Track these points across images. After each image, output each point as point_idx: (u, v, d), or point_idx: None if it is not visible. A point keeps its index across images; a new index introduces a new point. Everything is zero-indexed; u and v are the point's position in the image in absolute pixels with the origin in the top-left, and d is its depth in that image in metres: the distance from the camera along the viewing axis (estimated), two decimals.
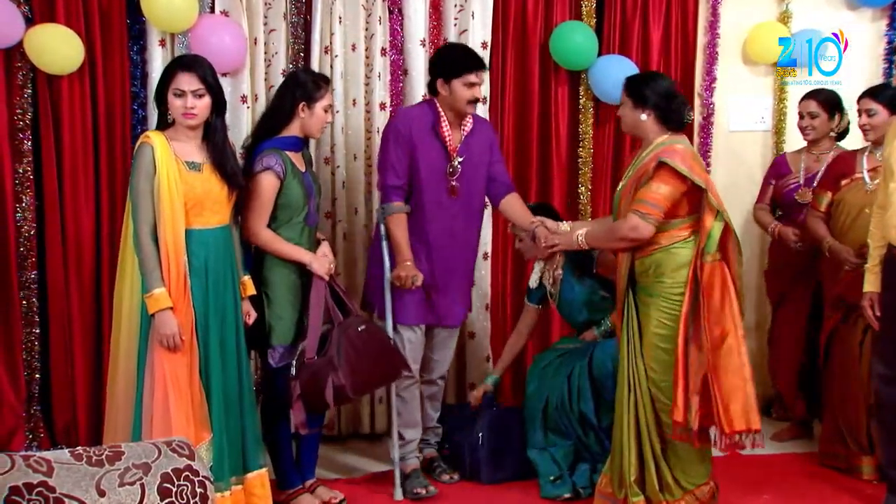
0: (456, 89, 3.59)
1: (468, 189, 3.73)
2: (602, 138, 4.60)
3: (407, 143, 3.61)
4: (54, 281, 3.95)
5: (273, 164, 3.35)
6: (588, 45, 4.39)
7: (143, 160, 3.03)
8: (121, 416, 3.17)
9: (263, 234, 3.38)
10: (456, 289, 3.84)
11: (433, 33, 4.36)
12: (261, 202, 3.35)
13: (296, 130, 3.47)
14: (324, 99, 3.46)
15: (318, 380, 3.32)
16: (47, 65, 3.79)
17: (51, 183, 3.91)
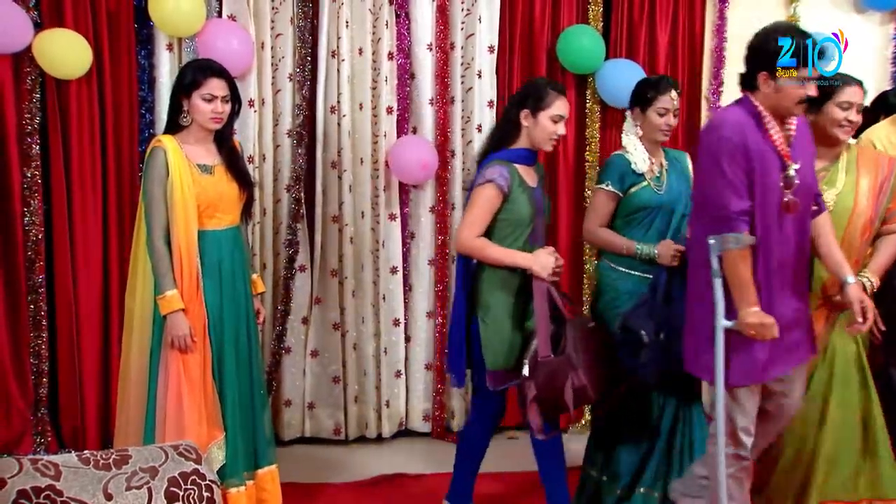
0: (785, 86, 2.92)
1: (803, 204, 2.91)
2: (609, 142, 4.56)
3: (743, 155, 2.79)
4: (62, 285, 3.96)
5: (496, 176, 3.11)
6: (595, 48, 4.38)
7: (155, 164, 3.05)
8: (132, 417, 3.19)
9: (474, 242, 3.13)
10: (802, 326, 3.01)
11: (440, 37, 4.36)
12: (477, 213, 3.13)
13: (524, 142, 3.22)
14: (551, 108, 3.16)
15: (556, 380, 3.00)
16: (56, 69, 3.81)
17: (59, 187, 3.92)
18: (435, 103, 4.39)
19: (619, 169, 3.35)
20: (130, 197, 4.01)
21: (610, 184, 3.35)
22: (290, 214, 4.23)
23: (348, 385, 4.38)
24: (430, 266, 4.49)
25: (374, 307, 4.39)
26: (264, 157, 4.18)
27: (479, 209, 3.12)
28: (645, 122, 3.37)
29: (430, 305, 4.50)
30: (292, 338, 4.33)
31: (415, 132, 4.42)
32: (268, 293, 4.15)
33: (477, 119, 4.42)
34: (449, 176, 4.45)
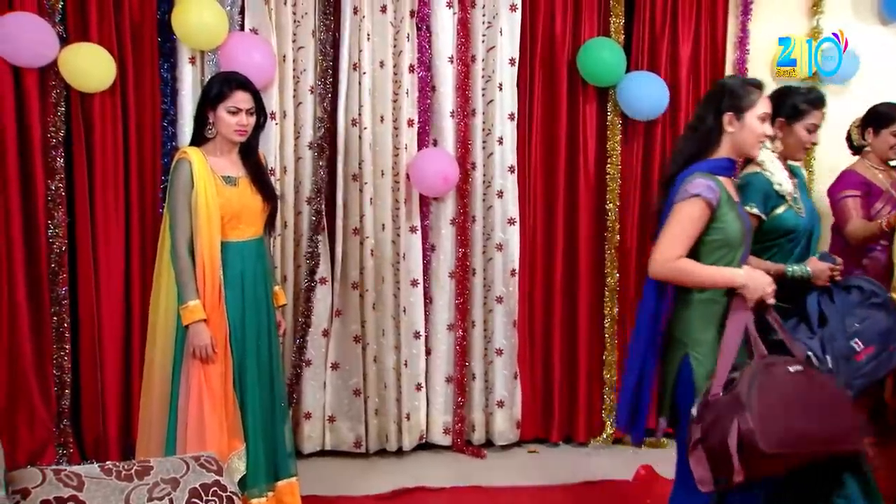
0: None
1: None
2: (630, 155, 4.54)
3: None
4: (85, 297, 3.96)
5: (702, 189, 2.63)
6: (616, 61, 4.35)
7: (181, 176, 3.07)
8: (154, 427, 3.20)
9: (677, 263, 2.62)
10: None
11: (461, 50, 4.35)
12: (679, 231, 2.63)
13: (727, 150, 2.76)
14: (756, 106, 2.72)
15: (722, 422, 2.47)
16: (80, 83, 3.81)
17: (82, 199, 3.93)
18: (456, 116, 4.38)
19: (762, 189, 2.99)
20: (153, 209, 4.02)
21: (755, 206, 2.97)
22: (311, 226, 4.21)
23: (369, 398, 4.36)
24: (451, 279, 4.46)
25: (395, 320, 4.37)
26: (285, 169, 4.16)
27: (681, 227, 2.62)
28: (789, 137, 3.11)
29: (450, 318, 4.47)
30: (313, 350, 4.30)
31: (435, 144, 4.40)
32: (289, 305, 4.14)
33: (498, 131, 4.41)
34: (470, 188, 4.43)
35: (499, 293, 4.47)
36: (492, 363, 4.52)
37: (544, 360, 4.59)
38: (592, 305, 4.56)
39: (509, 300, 4.47)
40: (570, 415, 4.60)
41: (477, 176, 4.45)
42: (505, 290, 4.47)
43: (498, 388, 4.51)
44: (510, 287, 4.46)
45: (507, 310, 4.47)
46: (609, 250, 4.55)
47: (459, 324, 4.46)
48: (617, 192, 4.52)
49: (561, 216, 4.54)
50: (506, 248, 4.45)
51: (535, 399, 4.57)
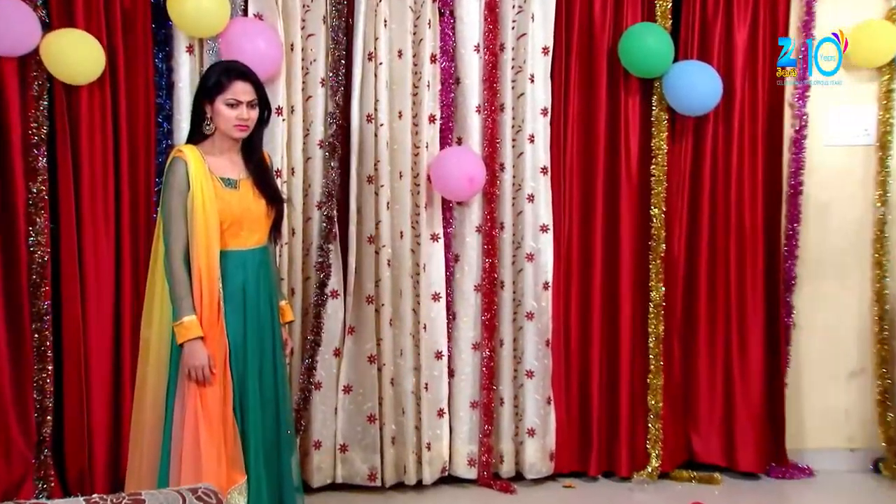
0: None
1: None
2: (678, 154, 4.51)
3: None
4: (70, 312, 3.93)
5: None
6: (662, 49, 4.28)
7: (175, 176, 3.05)
8: (146, 457, 3.19)
9: None
10: None
11: (488, 37, 4.30)
12: None
13: None
14: None
15: None
16: (65, 74, 3.78)
17: (67, 204, 3.89)
18: (482, 111, 4.34)
19: None
20: (146, 214, 3.99)
21: None
22: (321, 234, 4.18)
23: (385, 425, 4.33)
24: (476, 292, 4.42)
25: (414, 338, 4.33)
26: (293, 170, 4.14)
27: None
28: None
29: (476, 336, 4.43)
30: (323, 371, 4.27)
31: (460, 143, 4.38)
32: (296, 322, 4.10)
33: (529, 128, 4.36)
34: (498, 192, 4.39)
35: (530, 308, 4.43)
36: (522, 387, 4.47)
37: (581, 384, 4.55)
38: (635, 323, 4.52)
39: (542, 316, 4.43)
40: (611, 445, 4.55)
41: (506, 178, 4.41)
42: (537, 306, 4.42)
43: (529, 414, 4.47)
44: (543, 302, 4.42)
45: (539, 327, 4.43)
46: (654, 261, 4.50)
47: (486, 343, 4.42)
48: (662, 195, 4.45)
49: (600, 223, 4.49)
50: (538, 259, 4.42)
51: (571, 427, 4.52)
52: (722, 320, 4.52)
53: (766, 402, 4.53)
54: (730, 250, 4.50)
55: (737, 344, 4.52)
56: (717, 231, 4.51)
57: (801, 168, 4.54)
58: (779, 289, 4.52)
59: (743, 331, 4.52)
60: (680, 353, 4.56)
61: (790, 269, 4.56)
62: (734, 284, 4.50)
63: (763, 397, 4.52)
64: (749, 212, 4.48)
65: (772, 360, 4.54)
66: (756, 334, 4.51)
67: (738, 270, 4.50)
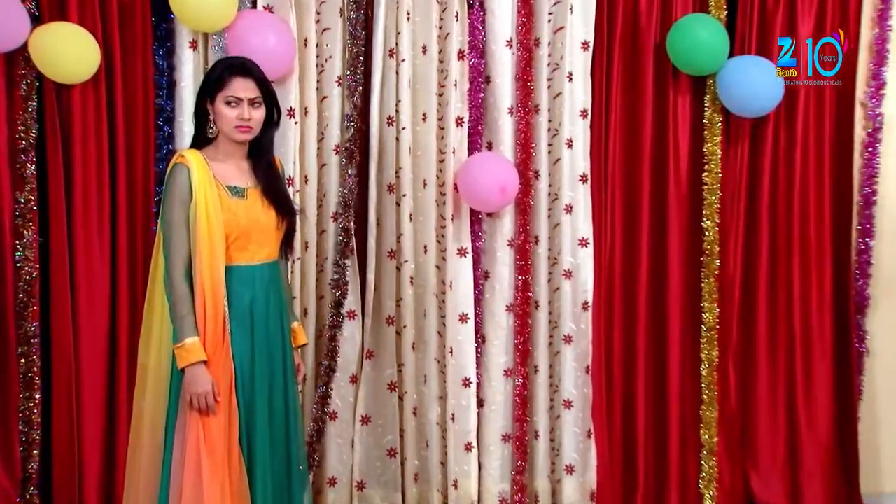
0: None
1: None
2: (733, 160, 4.49)
3: None
4: (60, 335, 3.93)
5: None
6: (716, 43, 4.26)
7: (177, 185, 3.05)
8: (143, 494, 3.19)
9: None
10: None
11: (522, 31, 4.29)
12: None
13: None
14: None
15: None
16: (56, 72, 3.79)
17: (58, 215, 3.90)
18: (515, 112, 4.34)
19: None
20: (145, 227, 4.01)
21: None
22: (337, 249, 4.19)
23: (407, 460, 4.34)
24: (508, 313, 4.41)
25: (440, 363, 4.31)
26: (306, 178, 4.16)
27: None
28: None
29: (508, 362, 4.42)
30: (339, 400, 4.28)
31: (490, 148, 4.38)
32: (310, 345, 4.12)
33: (567, 132, 4.34)
34: (532, 202, 4.38)
35: (567, 331, 4.42)
36: (559, 418, 4.46)
37: (625, 416, 4.55)
38: (686, 348, 4.51)
39: (581, 340, 4.42)
40: (659, 485, 4.53)
41: (541, 187, 4.40)
42: (575, 328, 4.41)
43: (567, 449, 4.46)
44: (582, 324, 4.41)
45: (578, 352, 4.42)
46: (706, 279, 4.47)
47: (519, 369, 4.40)
48: (716, 206, 4.44)
49: (645, 236, 4.49)
50: (576, 276, 4.40)
51: (614, 464, 4.51)
52: (784, 345, 4.49)
53: (835, 438, 4.49)
54: (793, 267, 4.47)
55: (801, 372, 4.49)
56: (778, 246, 4.48)
57: (874, 175, 4.50)
58: (849, 311, 4.48)
59: (808, 358, 4.49)
60: (736, 381, 4.53)
61: (862, 288, 4.52)
62: (798, 306, 4.47)
63: (832, 433, 4.48)
64: (815, 224, 4.46)
65: (842, 391, 4.49)
66: (823, 362, 4.48)
67: (802, 290, 4.47)
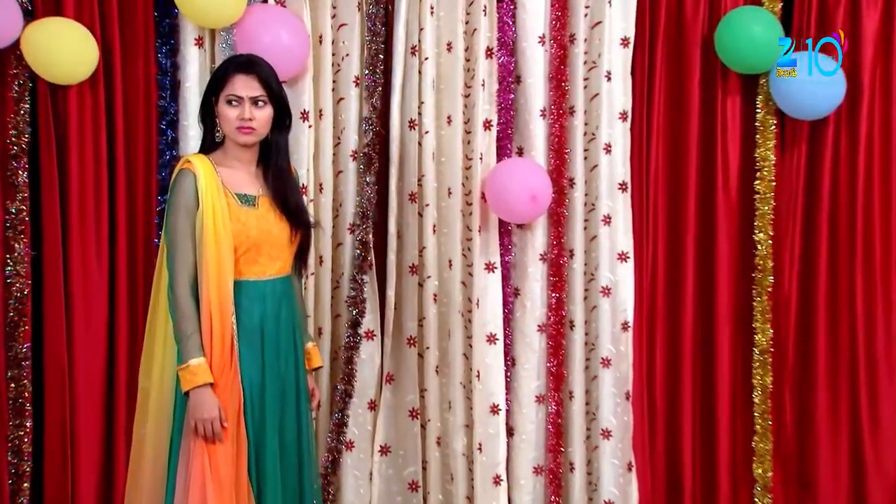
0: None
1: None
2: (789, 166, 4.49)
3: None
4: (53, 357, 3.92)
5: None
6: (770, 38, 4.25)
7: (182, 192, 3.08)
8: None
9: None
10: None
11: (555, 27, 4.28)
12: None
13: None
14: None
15: None
16: (51, 71, 3.78)
17: (52, 227, 3.89)
18: (548, 115, 4.34)
19: None
20: (146, 239, 4.01)
21: None
22: (354, 263, 4.19)
23: (430, 493, 4.32)
24: (541, 333, 4.41)
25: (466, 388, 4.30)
26: (321, 186, 4.15)
27: None
28: None
29: (540, 387, 4.42)
30: (356, 428, 4.28)
31: (521, 154, 4.38)
32: (324, 368, 4.12)
33: (604, 136, 4.33)
34: (566, 212, 4.37)
35: (606, 354, 4.40)
36: (597, 449, 4.44)
37: (669, 446, 4.55)
38: (736, 373, 4.51)
39: (620, 364, 4.40)
40: None
41: (576, 196, 4.38)
42: (614, 350, 4.39)
43: (605, 483, 4.43)
44: (621, 346, 4.40)
45: (617, 376, 4.40)
46: (759, 297, 4.47)
47: (553, 395, 4.40)
48: (770, 217, 4.44)
49: (691, 250, 4.50)
50: (615, 294, 4.39)
51: (657, 499, 4.52)
52: (846, 371, 4.46)
53: None
54: (856, 285, 4.45)
55: (866, 400, 4.46)
56: (838, 261, 4.47)
57: None
58: None
59: (873, 384, 4.46)
60: (793, 410, 4.51)
61: None
62: (861, 326, 4.44)
63: None
64: (881, 237, 4.44)
65: None
66: (891, 389, 4.45)
67: (866, 310, 4.45)
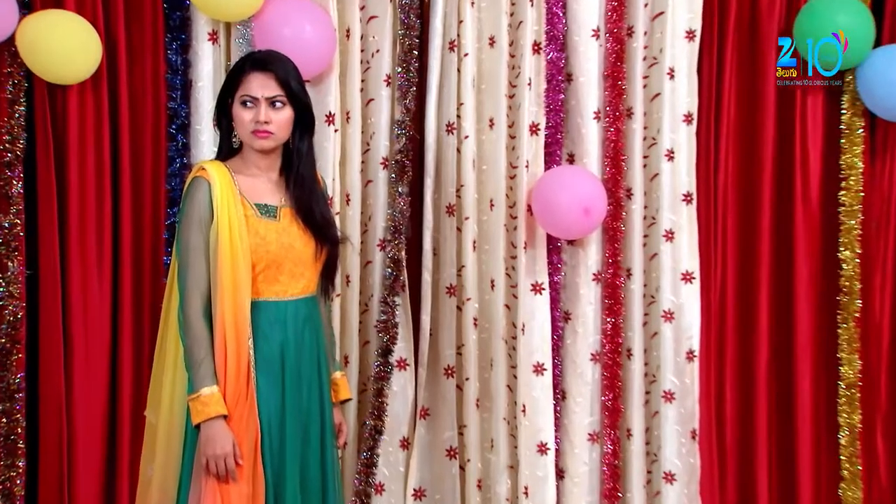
0: None
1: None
2: (879, 175, 4.51)
3: None
4: (50, 389, 3.93)
5: None
6: (858, 30, 4.26)
7: (195, 202, 3.07)
8: None
9: None
10: None
11: (611, 18, 4.31)
12: None
13: None
14: None
15: None
16: (49, 70, 3.80)
17: (49, 243, 3.91)
18: (602, 117, 4.35)
19: None
20: (154, 257, 4.03)
21: None
22: (384, 284, 4.19)
23: None
24: (594, 363, 4.43)
25: (510, 425, 4.29)
26: (348, 197, 4.17)
27: None
28: None
29: (593, 423, 4.44)
30: (386, 469, 4.28)
31: (572, 161, 4.39)
32: (352, 400, 4.08)
33: (666, 141, 4.36)
34: (623, 226, 4.39)
35: (668, 387, 4.40)
36: (659, 495, 4.44)
37: (742, 492, 4.54)
38: (819, 410, 4.52)
39: (685, 399, 4.39)
40: None
41: (634, 208, 4.39)
42: (678, 383, 4.39)
43: None
44: (686, 378, 4.39)
45: (681, 412, 4.40)
46: (845, 324, 4.47)
47: (608, 432, 4.41)
48: (857, 232, 4.44)
49: (766, 269, 4.50)
50: (679, 318, 4.39)
51: None
52: None
53: None
54: None
55: None
56: None
57: None
58: None
59: None
60: (886, 452, 4.49)
61: None
62: None
63: None
64: None
65: None
66: None
67: None
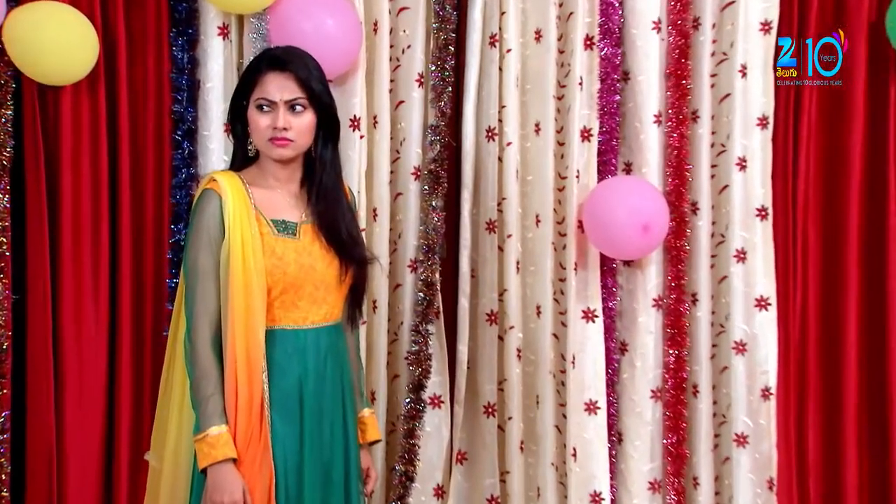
0: None
1: None
2: None
3: None
4: (39, 429, 3.94)
5: None
6: None
7: (205, 218, 3.05)
8: None
9: None
10: None
11: (675, 9, 4.35)
12: None
13: None
14: None
15: None
16: (40, 69, 3.79)
17: (38, 263, 3.91)
18: (664, 121, 4.35)
19: None
20: (156, 280, 4.03)
21: None
22: (416, 310, 4.21)
23: None
24: (655, 401, 4.44)
25: (558, 470, 4.28)
26: (375, 212, 4.18)
27: None
28: None
29: (654, 470, 4.44)
30: None
31: (629, 171, 4.40)
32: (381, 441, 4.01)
33: (738, 147, 4.37)
34: (688, 245, 4.40)
35: (741, 429, 4.38)
36: None
37: None
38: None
39: (760, 442, 4.37)
40: None
41: (701, 225, 4.41)
42: (752, 424, 4.37)
43: None
44: (761, 419, 4.37)
45: (756, 458, 4.38)
46: None
47: (671, 481, 4.41)
48: None
49: (854, 295, 4.51)
50: (753, 351, 4.37)
51: None
52: None
53: None
54: None
55: None
56: None
57: None
58: None
59: None
60: None
61: None
62: None
63: None
64: None
65: None
66: None
67: None
